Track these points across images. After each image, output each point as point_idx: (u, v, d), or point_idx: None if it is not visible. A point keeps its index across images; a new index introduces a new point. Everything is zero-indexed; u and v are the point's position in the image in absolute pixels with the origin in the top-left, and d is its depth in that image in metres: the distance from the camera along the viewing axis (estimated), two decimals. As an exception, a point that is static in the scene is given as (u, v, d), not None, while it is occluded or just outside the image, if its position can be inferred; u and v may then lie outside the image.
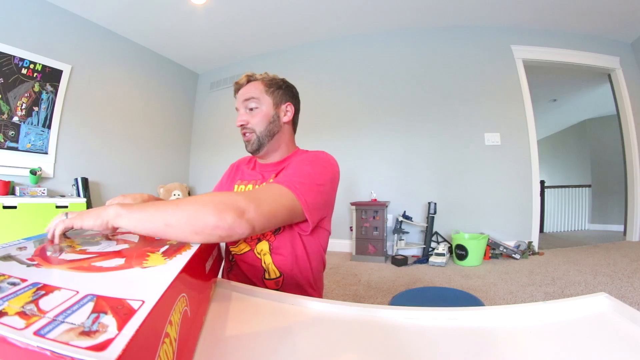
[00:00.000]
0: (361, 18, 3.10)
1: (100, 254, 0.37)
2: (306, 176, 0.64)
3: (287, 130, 0.82)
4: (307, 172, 0.65)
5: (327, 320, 0.45)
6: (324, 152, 0.75)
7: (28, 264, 0.32)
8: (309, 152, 0.76)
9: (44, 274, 0.29)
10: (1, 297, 0.22)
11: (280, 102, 0.80)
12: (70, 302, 0.22)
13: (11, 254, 0.34)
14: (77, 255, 0.36)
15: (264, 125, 0.77)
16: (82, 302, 0.22)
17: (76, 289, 0.24)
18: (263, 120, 0.77)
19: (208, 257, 0.51)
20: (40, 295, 0.23)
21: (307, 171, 0.65)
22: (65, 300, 0.22)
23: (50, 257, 0.36)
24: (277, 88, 0.79)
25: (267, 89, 0.78)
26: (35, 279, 0.26)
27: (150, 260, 0.36)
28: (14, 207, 2.20)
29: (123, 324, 0.19)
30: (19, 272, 0.28)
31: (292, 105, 0.81)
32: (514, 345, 0.39)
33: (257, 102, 0.77)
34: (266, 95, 0.78)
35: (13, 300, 0.22)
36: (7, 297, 0.22)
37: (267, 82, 0.79)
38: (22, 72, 2.53)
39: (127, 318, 0.20)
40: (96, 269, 0.31)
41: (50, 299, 0.22)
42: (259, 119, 0.77)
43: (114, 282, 0.28)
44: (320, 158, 0.71)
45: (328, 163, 0.71)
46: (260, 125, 0.77)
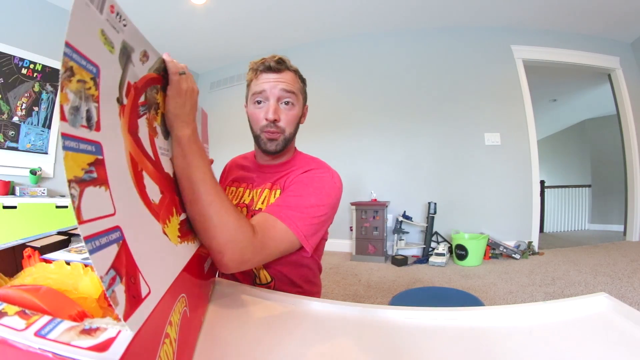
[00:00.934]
0: (361, 18, 3.10)
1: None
2: (309, 209, 0.60)
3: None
4: (311, 203, 0.61)
5: (327, 320, 0.45)
6: (329, 174, 0.69)
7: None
8: (314, 170, 0.69)
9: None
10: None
11: (304, 103, 0.75)
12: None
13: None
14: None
15: (294, 127, 0.71)
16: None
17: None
18: (294, 120, 0.70)
19: (207, 257, 0.51)
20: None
21: (311, 202, 0.61)
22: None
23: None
24: (304, 85, 0.73)
25: (301, 86, 0.72)
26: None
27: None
28: (14, 207, 2.19)
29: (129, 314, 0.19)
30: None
31: (307, 107, 0.77)
32: (514, 345, 0.39)
33: (294, 98, 0.68)
34: (300, 93, 0.71)
35: (13, 300, 0.21)
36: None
37: (300, 78, 0.72)
38: (22, 72, 2.53)
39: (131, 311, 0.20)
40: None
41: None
42: (292, 118, 0.69)
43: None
44: (326, 184, 0.66)
45: (332, 189, 0.67)
46: (291, 126, 0.70)
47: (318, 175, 0.68)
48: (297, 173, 0.69)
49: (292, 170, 0.71)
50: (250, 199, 0.73)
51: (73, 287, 0.26)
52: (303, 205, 0.60)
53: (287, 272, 0.69)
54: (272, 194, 0.70)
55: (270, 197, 0.70)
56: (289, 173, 0.71)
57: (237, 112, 3.93)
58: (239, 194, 0.76)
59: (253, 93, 0.69)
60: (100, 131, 0.22)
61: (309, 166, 0.71)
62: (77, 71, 0.20)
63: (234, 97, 3.97)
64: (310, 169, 0.70)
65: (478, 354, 0.37)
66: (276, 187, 0.71)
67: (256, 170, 0.77)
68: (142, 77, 0.33)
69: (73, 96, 0.19)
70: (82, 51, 0.20)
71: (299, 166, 0.72)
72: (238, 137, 3.89)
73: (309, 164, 0.72)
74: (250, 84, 0.71)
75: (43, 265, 0.31)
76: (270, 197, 0.70)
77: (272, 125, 0.67)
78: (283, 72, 0.68)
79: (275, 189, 0.71)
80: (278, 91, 0.66)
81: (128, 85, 0.29)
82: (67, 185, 0.18)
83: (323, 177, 0.67)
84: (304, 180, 0.66)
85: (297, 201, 0.61)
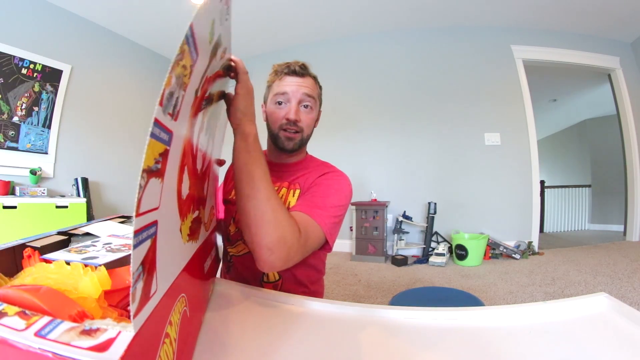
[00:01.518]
0: (361, 18, 3.10)
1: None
2: (332, 208, 0.65)
3: None
4: (333, 204, 0.65)
5: (327, 320, 0.45)
6: (345, 177, 0.74)
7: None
8: (332, 173, 0.74)
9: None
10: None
11: (320, 108, 0.80)
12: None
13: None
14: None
15: (311, 129, 0.76)
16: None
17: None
18: (312, 123, 0.75)
19: (207, 257, 0.51)
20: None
21: (333, 203, 0.65)
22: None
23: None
24: (320, 91, 0.78)
25: (319, 93, 0.77)
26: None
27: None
28: (14, 207, 2.20)
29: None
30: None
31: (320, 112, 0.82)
32: (514, 345, 0.39)
33: (313, 103, 0.73)
34: (318, 99, 0.76)
35: (13, 300, 0.21)
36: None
37: (319, 84, 0.77)
38: (22, 72, 2.53)
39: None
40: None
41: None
42: (310, 121, 0.74)
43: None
44: (344, 186, 0.71)
45: (349, 191, 0.72)
46: (309, 128, 0.75)
47: (336, 178, 0.72)
48: (314, 175, 0.73)
49: (308, 172, 0.75)
50: None
51: (73, 287, 0.26)
52: (328, 204, 0.64)
53: (295, 271, 0.70)
54: (290, 193, 0.72)
55: (288, 195, 0.72)
56: (306, 175, 0.74)
57: (237, 112, 3.93)
58: None
59: (275, 94, 0.72)
60: (177, 121, 0.22)
61: (326, 169, 0.75)
62: (185, 56, 0.19)
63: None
64: (329, 171, 0.74)
65: (478, 354, 0.37)
66: (294, 186, 0.73)
67: (270, 168, 0.80)
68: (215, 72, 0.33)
69: (174, 81, 0.19)
70: (196, 37, 0.20)
71: (313, 168, 0.76)
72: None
73: (324, 167, 0.77)
74: (272, 85, 0.75)
75: (43, 265, 0.31)
76: (289, 196, 0.72)
77: (293, 125, 0.71)
78: (305, 77, 0.72)
79: (293, 188, 0.73)
80: (300, 94, 0.71)
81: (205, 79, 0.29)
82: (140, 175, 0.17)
83: (341, 180, 0.72)
84: (325, 182, 0.70)
85: (323, 201, 0.64)
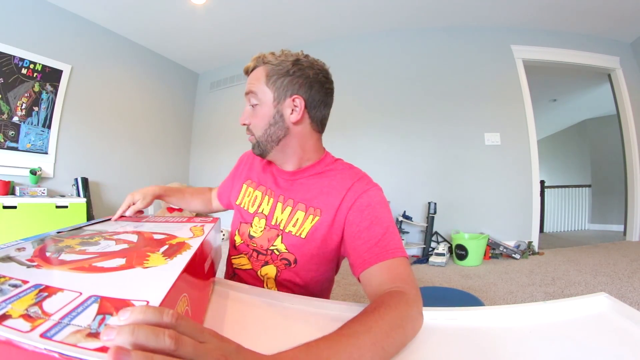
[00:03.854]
0: (361, 18, 3.10)
1: (101, 254, 0.37)
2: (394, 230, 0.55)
3: (302, 132, 0.64)
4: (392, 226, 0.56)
5: (328, 320, 0.45)
6: (379, 189, 0.61)
7: (28, 265, 0.31)
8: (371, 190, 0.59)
9: (45, 275, 0.29)
10: (4, 300, 0.22)
11: (284, 96, 0.60)
12: (75, 304, 0.22)
13: (10, 255, 0.34)
14: (77, 256, 0.36)
15: (263, 129, 0.62)
16: (87, 304, 0.22)
17: (79, 290, 0.25)
18: (261, 121, 0.62)
19: (207, 257, 0.51)
20: (44, 297, 0.23)
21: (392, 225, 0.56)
22: (69, 301, 0.22)
23: (49, 258, 0.36)
24: (281, 76, 0.60)
25: (267, 79, 0.61)
26: (37, 281, 0.26)
27: (151, 260, 0.36)
28: (14, 207, 2.20)
29: None
30: (20, 274, 0.28)
31: (302, 98, 0.61)
32: (514, 345, 0.39)
33: (255, 97, 0.62)
34: (266, 87, 0.61)
35: (16, 302, 0.22)
36: (10, 300, 0.22)
37: (270, 69, 0.61)
38: (22, 72, 2.53)
39: None
40: (98, 270, 0.31)
41: (54, 301, 0.22)
42: (257, 119, 0.63)
43: (116, 283, 0.28)
44: (385, 202, 0.59)
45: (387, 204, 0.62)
46: (259, 128, 0.63)
47: (378, 198, 0.59)
48: (337, 195, 0.59)
49: (330, 190, 0.61)
50: (270, 210, 0.66)
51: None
52: (392, 232, 0.54)
53: (308, 286, 0.64)
54: (307, 219, 0.61)
55: (305, 221, 0.61)
56: (328, 193, 0.61)
57: (237, 113, 3.92)
58: (255, 198, 0.70)
59: None
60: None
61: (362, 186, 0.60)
62: None
63: (234, 97, 3.97)
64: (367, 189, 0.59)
65: (478, 354, 0.37)
66: (314, 212, 0.61)
67: (277, 176, 0.70)
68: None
69: None
70: None
71: (338, 183, 0.61)
72: (238, 137, 3.89)
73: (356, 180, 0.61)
74: None
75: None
76: (305, 222, 0.61)
77: (247, 129, 0.66)
78: (251, 72, 0.64)
79: (313, 214, 0.61)
80: (246, 96, 0.64)
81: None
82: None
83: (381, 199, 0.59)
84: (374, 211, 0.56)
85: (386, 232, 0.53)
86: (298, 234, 0.61)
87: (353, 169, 0.65)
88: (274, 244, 0.64)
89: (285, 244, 0.62)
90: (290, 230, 0.62)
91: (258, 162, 0.76)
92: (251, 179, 0.74)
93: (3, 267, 0.30)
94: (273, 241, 0.64)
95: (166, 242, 0.46)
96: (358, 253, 0.54)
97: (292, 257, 0.62)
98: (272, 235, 0.64)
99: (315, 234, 0.60)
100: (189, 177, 4.24)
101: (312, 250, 0.61)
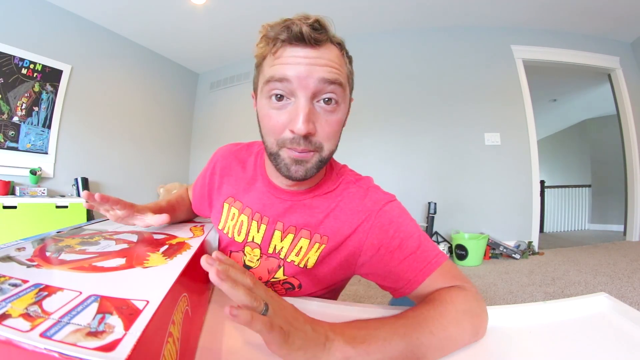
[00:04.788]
0: (361, 18, 3.10)
1: (101, 254, 0.37)
2: (425, 237, 0.49)
3: None
4: (422, 234, 0.49)
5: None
6: (397, 202, 0.52)
7: (28, 264, 0.31)
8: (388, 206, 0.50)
9: (45, 275, 0.29)
10: (3, 299, 0.22)
11: (349, 95, 0.48)
12: (75, 303, 0.22)
13: (10, 255, 0.34)
14: (77, 256, 0.36)
15: (337, 140, 0.47)
16: (87, 303, 0.22)
17: (79, 290, 0.25)
18: (339, 130, 0.46)
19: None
20: (44, 297, 0.23)
21: (421, 234, 0.49)
22: (69, 301, 0.22)
23: (49, 258, 0.36)
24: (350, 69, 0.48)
25: (350, 71, 0.47)
26: (37, 280, 0.26)
27: (151, 260, 0.36)
28: (14, 207, 2.20)
29: (129, 325, 0.20)
30: (20, 273, 0.28)
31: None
32: (514, 345, 0.39)
33: (341, 94, 0.43)
34: (348, 83, 0.46)
35: (16, 301, 0.22)
36: (10, 299, 0.22)
37: (347, 55, 0.47)
38: (22, 72, 2.53)
39: (133, 318, 0.20)
40: (98, 269, 0.31)
41: (53, 300, 0.22)
42: (334, 127, 0.44)
43: (116, 283, 0.28)
44: (406, 211, 0.51)
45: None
46: (332, 140, 0.45)
47: (397, 210, 0.50)
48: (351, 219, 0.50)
49: (339, 214, 0.50)
50: (262, 239, 0.54)
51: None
52: (426, 240, 0.48)
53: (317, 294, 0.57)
54: (312, 247, 0.51)
55: (309, 250, 0.51)
56: (337, 218, 0.50)
57: (237, 113, 3.93)
58: (241, 224, 0.55)
59: (268, 80, 0.42)
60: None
61: (375, 203, 0.50)
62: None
63: (234, 97, 3.97)
64: (382, 206, 0.50)
65: (478, 354, 0.37)
66: (321, 240, 0.51)
67: (269, 194, 0.54)
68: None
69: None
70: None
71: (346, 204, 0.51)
72: (238, 138, 3.88)
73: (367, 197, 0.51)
74: (262, 63, 0.45)
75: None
76: (310, 251, 0.51)
77: (303, 142, 0.42)
78: (323, 46, 0.42)
79: (319, 241, 0.50)
80: (315, 81, 0.40)
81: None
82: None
83: (401, 210, 0.51)
84: (400, 227, 0.48)
85: (420, 243, 0.47)
86: (303, 265, 0.52)
87: (361, 180, 0.54)
88: (275, 276, 0.55)
89: (287, 275, 0.54)
90: (293, 259, 0.52)
91: (238, 173, 0.59)
92: (233, 197, 0.58)
93: (3, 266, 0.30)
94: (274, 273, 0.55)
95: (166, 242, 0.46)
96: (398, 276, 0.46)
97: (297, 282, 0.55)
98: (272, 265, 0.54)
99: (322, 263, 0.52)
100: (188, 177, 4.24)
101: (320, 275, 0.53)
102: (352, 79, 0.48)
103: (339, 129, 0.46)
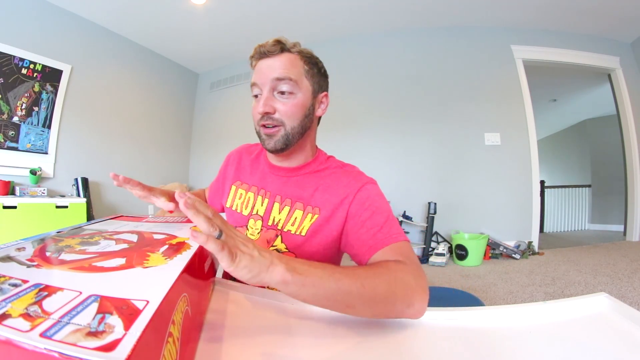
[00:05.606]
0: (361, 18, 3.10)
1: (101, 254, 0.37)
2: (393, 217, 0.58)
3: (315, 127, 0.67)
4: (390, 213, 0.58)
5: (327, 320, 0.45)
6: (375, 182, 0.62)
7: (28, 264, 0.31)
8: (367, 185, 0.61)
9: (45, 275, 0.29)
10: (4, 299, 0.22)
11: (319, 90, 0.63)
12: (75, 303, 0.22)
13: (10, 255, 0.34)
14: (77, 256, 0.36)
15: (299, 119, 0.60)
16: (87, 303, 0.22)
17: (79, 290, 0.25)
18: (299, 111, 0.60)
19: (207, 257, 0.51)
20: (44, 297, 0.23)
21: (390, 212, 0.58)
22: (69, 301, 0.22)
23: (49, 258, 0.36)
24: (316, 71, 0.62)
25: (308, 70, 0.60)
26: (37, 280, 0.26)
27: (151, 260, 0.36)
28: (14, 207, 2.20)
29: (129, 324, 0.20)
30: (20, 273, 0.28)
31: (327, 96, 0.66)
32: (514, 345, 0.39)
33: (294, 85, 0.58)
34: (305, 78, 0.60)
35: (16, 301, 0.22)
36: (10, 299, 0.22)
37: (307, 60, 0.61)
38: (22, 72, 2.53)
39: (133, 318, 0.20)
40: (97, 269, 0.31)
41: (53, 300, 0.22)
42: (293, 109, 0.59)
43: (116, 283, 0.28)
44: (381, 192, 0.62)
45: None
46: (294, 118, 0.59)
47: (375, 190, 0.61)
48: (339, 193, 0.60)
49: (328, 188, 0.61)
50: (265, 211, 0.65)
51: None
52: (393, 220, 0.57)
53: None
54: (306, 217, 0.61)
55: (303, 220, 0.61)
56: (327, 192, 0.61)
57: (237, 112, 3.93)
58: (248, 200, 0.68)
59: (251, 85, 0.62)
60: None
61: (358, 181, 0.61)
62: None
63: (234, 97, 3.97)
64: (364, 183, 0.60)
65: (478, 354, 0.37)
66: (313, 211, 0.61)
67: (270, 173, 0.68)
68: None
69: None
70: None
71: (333, 181, 0.62)
72: (238, 138, 3.89)
73: (347, 176, 0.62)
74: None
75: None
76: (304, 220, 0.61)
77: (268, 118, 0.59)
78: (278, 55, 0.59)
79: (311, 212, 0.61)
80: (270, 80, 0.58)
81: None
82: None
83: (378, 191, 0.61)
84: (377, 206, 0.58)
85: (387, 220, 0.56)
86: (298, 232, 0.61)
87: (346, 166, 0.67)
88: (274, 245, 0.63)
89: (285, 244, 0.62)
90: (290, 229, 0.62)
91: (246, 161, 0.74)
92: (240, 180, 0.72)
93: (3, 266, 0.30)
94: (272, 242, 0.63)
95: (166, 242, 0.46)
96: (362, 242, 0.55)
97: (293, 255, 0.61)
98: (270, 236, 0.64)
99: (315, 231, 0.60)
100: (189, 177, 4.24)
101: (313, 247, 0.61)
102: (315, 75, 0.62)
103: (297, 111, 0.59)
